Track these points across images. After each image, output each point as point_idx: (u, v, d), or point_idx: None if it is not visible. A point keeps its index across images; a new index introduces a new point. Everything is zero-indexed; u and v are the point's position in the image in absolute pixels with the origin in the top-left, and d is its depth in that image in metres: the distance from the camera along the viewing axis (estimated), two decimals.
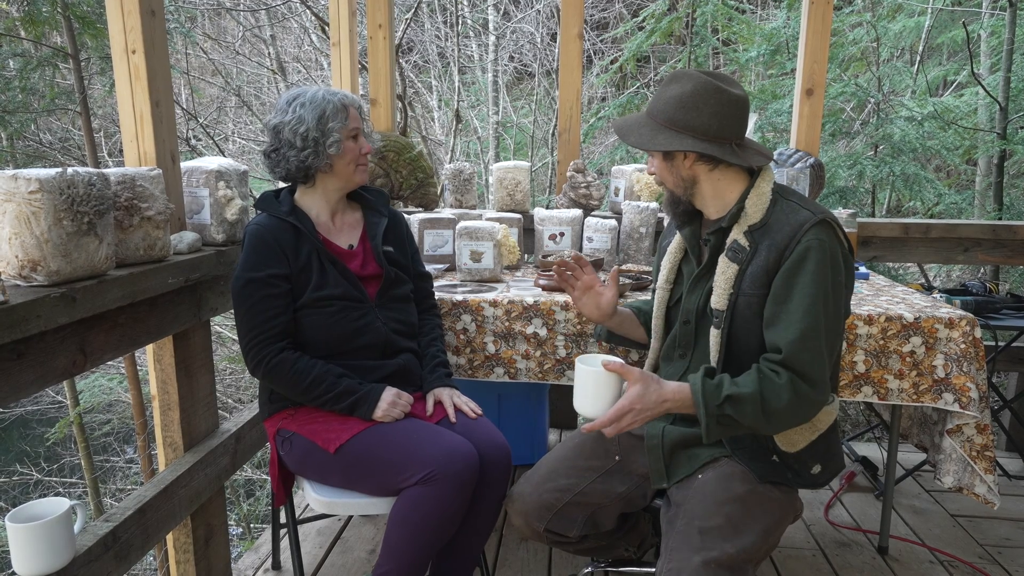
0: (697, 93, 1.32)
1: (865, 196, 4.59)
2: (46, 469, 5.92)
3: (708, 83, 1.32)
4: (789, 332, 1.26)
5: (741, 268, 1.34)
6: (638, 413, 1.28)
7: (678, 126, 1.33)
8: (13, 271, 1.26)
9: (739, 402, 1.26)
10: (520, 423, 2.66)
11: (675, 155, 1.37)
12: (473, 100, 8.44)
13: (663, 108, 1.35)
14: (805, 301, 1.26)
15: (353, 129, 1.65)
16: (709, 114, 1.32)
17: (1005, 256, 2.78)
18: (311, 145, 1.61)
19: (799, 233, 1.28)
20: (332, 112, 1.61)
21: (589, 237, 2.48)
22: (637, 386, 1.28)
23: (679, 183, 1.40)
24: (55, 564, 1.27)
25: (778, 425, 1.29)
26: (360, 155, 1.67)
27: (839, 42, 4.71)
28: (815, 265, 1.26)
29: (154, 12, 1.65)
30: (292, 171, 1.65)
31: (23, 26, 3.98)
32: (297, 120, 1.61)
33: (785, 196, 1.36)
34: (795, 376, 1.25)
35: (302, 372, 1.57)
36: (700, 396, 1.27)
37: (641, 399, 1.27)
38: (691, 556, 1.23)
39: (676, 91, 1.34)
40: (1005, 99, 4.11)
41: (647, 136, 1.36)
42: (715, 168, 1.37)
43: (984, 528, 2.37)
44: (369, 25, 2.99)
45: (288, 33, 8.09)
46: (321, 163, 1.63)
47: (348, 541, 2.27)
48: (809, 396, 1.26)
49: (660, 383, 1.30)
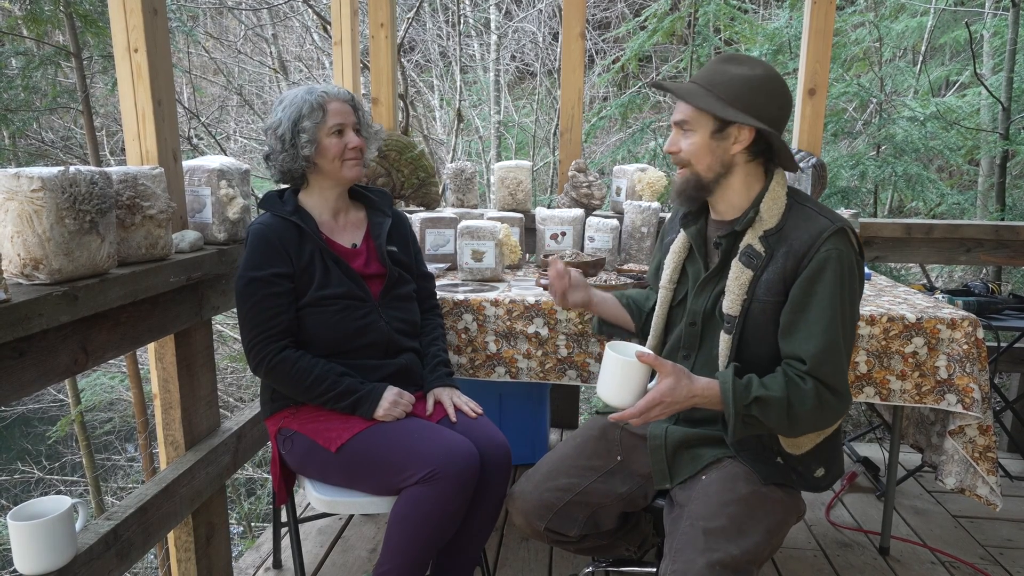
0: (769, 80, 1.30)
1: (867, 196, 4.59)
2: (47, 467, 5.92)
3: (778, 74, 1.32)
4: (811, 344, 1.26)
5: (756, 274, 1.32)
6: (668, 406, 1.27)
7: (744, 105, 1.29)
8: (15, 269, 1.26)
9: (766, 404, 1.26)
10: (521, 423, 2.66)
11: (728, 134, 1.32)
12: (475, 99, 8.43)
13: (728, 84, 1.30)
14: (827, 313, 1.25)
15: (334, 125, 1.62)
16: (777, 104, 1.30)
17: (1007, 257, 2.78)
18: (288, 147, 1.62)
19: (818, 241, 1.27)
20: (307, 111, 1.60)
21: (591, 237, 2.48)
22: (669, 379, 1.27)
23: (714, 165, 1.35)
24: (57, 562, 1.27)
25: (800, 429, 1.30)
26: (346, 150, 1.64)
27: (841, 42, 4.70)
28: (834, 275, 1.26)
29: (156, 11, 1.65)
30: (284, 173, 1.66)
31: (25, 25, 3.99)
32: (276, 123, 1.62)
33: (800, 201, 1.35)
34: (820, 385, 1.26)
35: (304, 371, 1.57)
36: (730, 395, 1.27)
37: (672, 392, 1.26)
38: (696, 558, 1.23)
39: (745, 72, 1.30)
40: (1008, 99, 4.11)
41: (715, 103, 1.30)
42: (751, 161, 1.35)
43: (986, 529, 2.37)
44: (371, 24, 2.99)
45: (290, 32, 8.09)
46: (298, 164, 1.63)
47: (349, 540, 2.27)
48: (832, 404, 1.27)
49: (691, 378, 1.29)
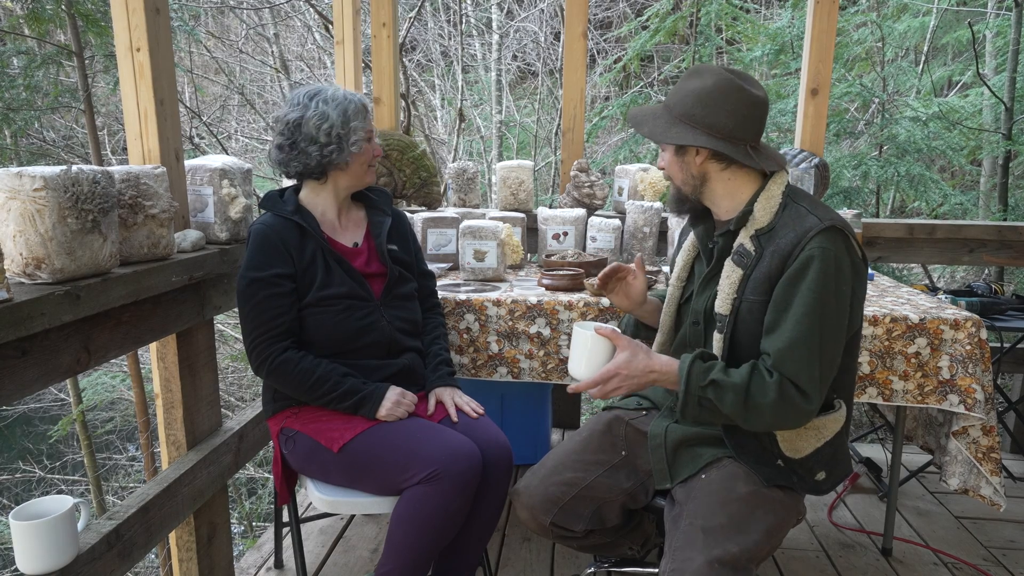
0: (717, 89, 1.30)
1: (869, 197, 4.58)
2: (49, 467, 5.92)
3: (730, 81, 1.30)
4: (779, 341, 1.26)
5: (746, 273, 1.33)
6: (624, 379, 1.31)
7: (694, 121, 1.32)
8: (18, 269, 1.26)
9: (722, 389, 1.26)
10: (523, 423, 2.66)
11: (687, 150, 1.36)
12: (476, 99, 8.43)
13: (680, 101, 1.34)
14: (799, 311, 1.24)
15: (370, 131, 1.68)
16: (726, 112, 1.30)
17: (1010, 257, 2.77)
18: (335, 141, 1.61)
19: (803, 240, 1.26)
20: (354, 112, 1.63)
21: (593, 237, 2.47)
22: (625, 352, 1.31)
23: (688, 180, 1.39)
24: (59, 562, 1.27)
25: (757, 422, 1.28)
26: (373, 157, 1.71)
27: (844, 42, 4.69)
28: (816, 275, 1.24)
29: (158, 10, 1.65)
30: (312, 166, 1.63)
31: (27, 24, 3.98)
32: (320, 116, 1.60)
33: (796, 200, 1.34)
34: (785, 380, 1.25)
35: (306, 371, 1.56)
36: (684, 374, 1.29)
37: (628, 365, 1.30)
38: (695, 556, 1.23)
39: (696, 85, 1.32)
40: (1010, 99, 4.10)
41: (661, 128, 1.35)
42: (727, 168, 1.36)
43: (989, 530, 2.36)
44: (373, 24, 2.98)
45: (292, 31, 8.09)
46: (342, 160, 1.63)
47: (350, 540, 2.27)
48: (795, 401, 1.24)
49: (650, 354, 1.32)
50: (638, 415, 1.61)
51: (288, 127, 1.63)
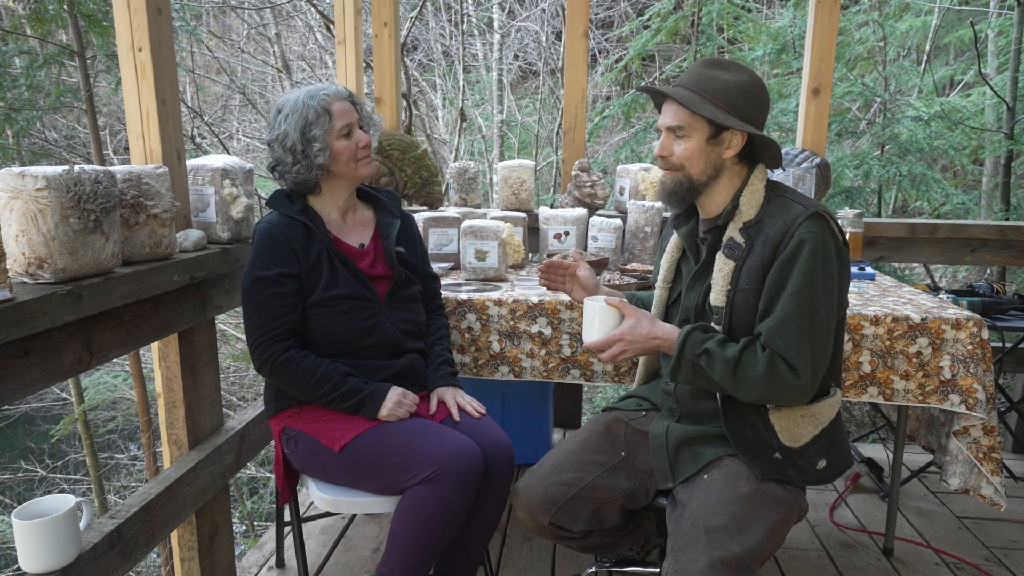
0: (755, 85, 1.36)
1: (871, 196, 4.57)
2: (50, 466, 5.93)
3: (760, 79, 1.38)
4: (771, 320, 1.31)
5: (738, 264, 1.37)
6: (628, 343, 1.39)
7: (739, 112, 1.35)
8: (20, 268, 1.26)
9: (713, 358, 1.32)
10: (524, 423, 2.66)
11: (724, 139, 1.37)
12: (478, 99, 8.43)
13: (721, 91, 1.35)
14: (791, 291, 1.30)
15: (342, 128, 1.61)
16: (761, 109, 1.37)
17: (1012, 257, 2.77)
18: (301, 159, 1.59)
19: (792, 227, 1.31)
20: (313, 117, 1.58)
21: (594, 236, 2.47)
22: (631, 319, 1.40)
23: (706, 169, 1.39)
24: (61, 561, 1.27)
25: (746, 392, 1.33)
26: (358, 149, 1.63)
27: (845, 41, 4.68)
28: (808, 257, 1.29)
29: (160, 10, 1.65)
30: (299, 184, 1.64)
31: (29, 24, 3.99)
32: (282, 136, 1.60)
33: (778, 192, 1.40)
34: (775, 355, 1.30)
35: (308, 370, 1.56)
36: (682, 340, 1.36)
37: (632, 331, 1.39)
38: (698, 556, 1.23)
39: (733, 78, 1.35)
40: (1012, 99, 4.09)
41: (715, 110, 1.35)
42: (738, 162, 1.41)
43: (990, 530, 2.36)
44: (374, 23, 2.98)
45: (293, 31, 8.09)
46: (313, 174, 1.61)
47: (352, 540, 2.27)
48: (785, 376, 1.29)
49: (654, 321, 1.41)
50: (638, 416, 1.61)
51: (270, 149, 1.64)
